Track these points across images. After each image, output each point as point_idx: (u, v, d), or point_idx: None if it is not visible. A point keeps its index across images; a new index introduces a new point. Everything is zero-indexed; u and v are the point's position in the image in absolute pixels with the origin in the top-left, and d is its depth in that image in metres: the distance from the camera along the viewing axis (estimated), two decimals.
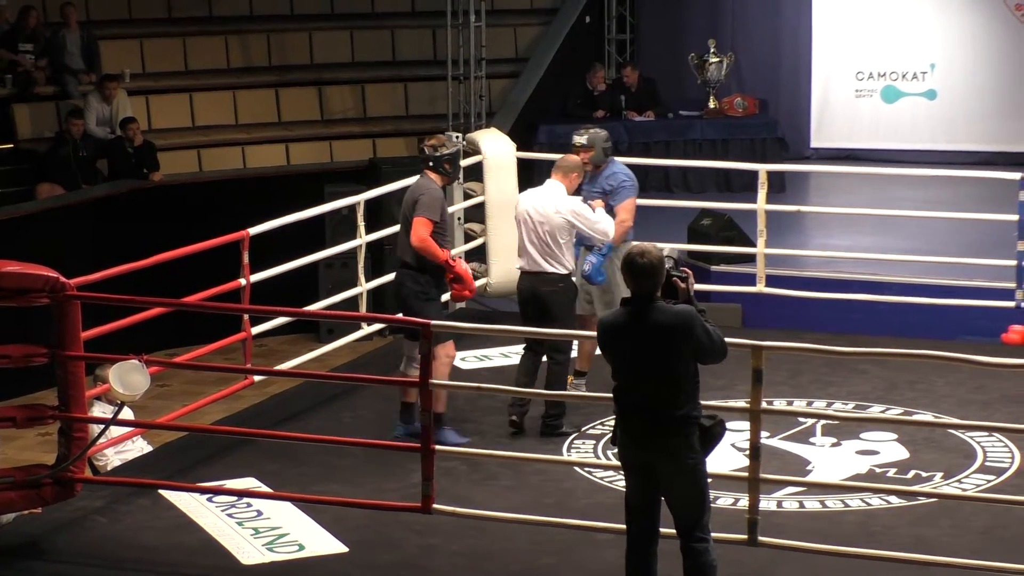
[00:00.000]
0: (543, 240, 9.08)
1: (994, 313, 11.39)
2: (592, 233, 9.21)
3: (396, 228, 11.33)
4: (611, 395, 6.52)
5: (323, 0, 17.24)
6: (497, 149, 11.54)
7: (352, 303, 10.51)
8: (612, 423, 6.59)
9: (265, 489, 8.14)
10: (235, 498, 8.02)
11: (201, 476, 8.34)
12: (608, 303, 9.30)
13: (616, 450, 6.55)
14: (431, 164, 9.04)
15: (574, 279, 9.25)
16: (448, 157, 9.04)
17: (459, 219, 11.73)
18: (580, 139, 9.63)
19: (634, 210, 9.58)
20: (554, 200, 9.14)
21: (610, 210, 9.44)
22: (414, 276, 8.92)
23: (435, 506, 7.40)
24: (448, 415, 8.96)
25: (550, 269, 9.07)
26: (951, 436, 8.89)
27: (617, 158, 9.97)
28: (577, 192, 9.34)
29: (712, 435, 6.42)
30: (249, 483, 8.24)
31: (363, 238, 10.45)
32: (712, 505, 6.46)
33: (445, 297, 9.47)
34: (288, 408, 9.73)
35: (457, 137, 11.74)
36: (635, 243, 6.66)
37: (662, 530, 6.51)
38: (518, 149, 11.81)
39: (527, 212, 9.15)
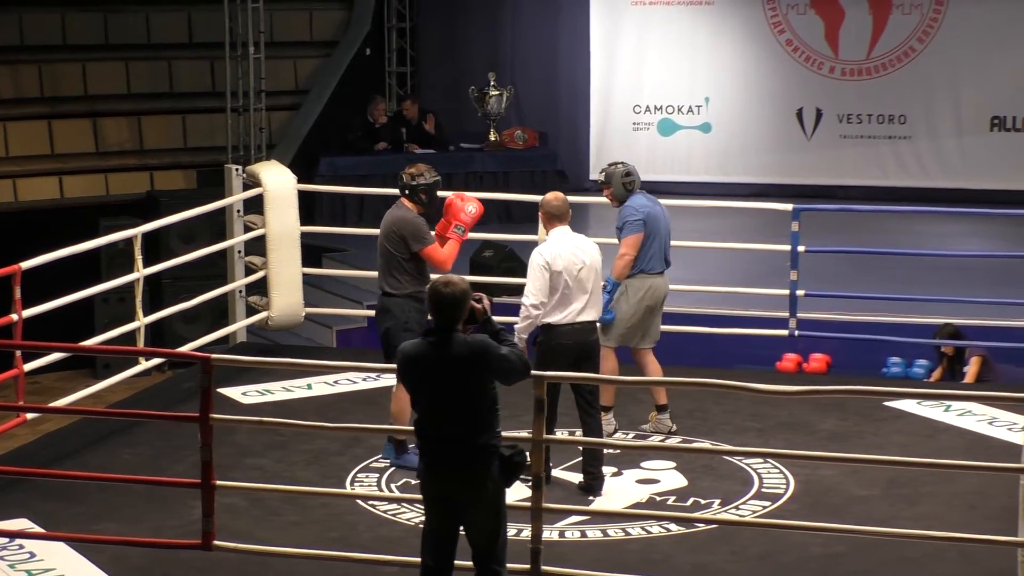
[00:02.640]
0: (593, 288, 8.66)
1: (769, 342, 11.65)
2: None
3: (176, 261, 11.30)
4: (413, 427, 6.52)
5: (97, 30, 16.92)
6: (278, 181, 11.45)
7: (129, 338, 10.30)
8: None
9: (38, 530, 7.92)
10: (6, 540, 7.77)
11: None
12: (619, 336, 9.44)
13: (419, 482, 6.53)
14: (407, 192, 9.07)
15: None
16: (424, 187, 9.07)
17: (239, 252, 11.61)
18: (600, 176, 9.57)
19: (636, 245, 9.41)
20: (591, 245, 8.80)
21: None
22: (399, 306, 8.94)
23: (216, 543, 7.29)
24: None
25: (596, 317, 8.76)
26: (728, 463, 9.05)
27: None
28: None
29: (514, 465, 6.46)
30: (22, 524, 8.01)
31: (140, 272, 10.26)
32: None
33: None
34: (63, 446, 9.50)
35: (238, 170, 11.65)
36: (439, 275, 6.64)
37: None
38: (299, 181, 11.72)
39: (571, 263, 8.60)
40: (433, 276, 8.49)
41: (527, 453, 6.55)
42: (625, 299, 9.53)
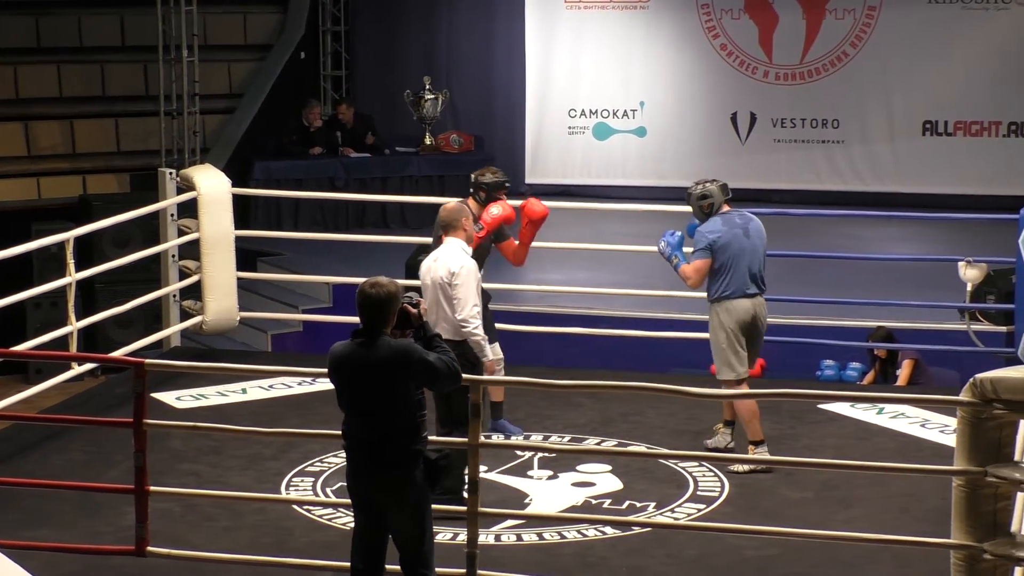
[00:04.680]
0: (435, 307, 8.36)
1: (704, 345, 11.63)
2: (453, 306, 8.37)
3: (109, 265, 11.23)
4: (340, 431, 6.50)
5: (29, 33, 16.78)
6: (212, 185, 11.39)
7: (62, 342, 10.22)
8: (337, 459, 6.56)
9: None
10: None
11: None
12: (723, 365, 9.25)
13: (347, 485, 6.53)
14: (471, 190, 9.55)
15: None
16: (484, 185, 9.45)
17: (173, 256, 11.54)
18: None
19: (701, 271, 9.29)
20: (450, 262, 8.41)
21: None
22: None
23: (149, 549, 7.26)
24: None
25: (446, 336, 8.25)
26: (664, 466, 9.08)
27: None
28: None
29: (439, 469, 6.44)
30: None
31: (73, 276, 10.18)
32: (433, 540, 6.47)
33: None
34: None
35: (171, 174, 11.58)
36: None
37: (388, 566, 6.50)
38: (233, 185, 11.67)
39: (424, 275, 8.49)
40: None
41: (452, 457, 6.54)
42: (712, 328, 9.36)
